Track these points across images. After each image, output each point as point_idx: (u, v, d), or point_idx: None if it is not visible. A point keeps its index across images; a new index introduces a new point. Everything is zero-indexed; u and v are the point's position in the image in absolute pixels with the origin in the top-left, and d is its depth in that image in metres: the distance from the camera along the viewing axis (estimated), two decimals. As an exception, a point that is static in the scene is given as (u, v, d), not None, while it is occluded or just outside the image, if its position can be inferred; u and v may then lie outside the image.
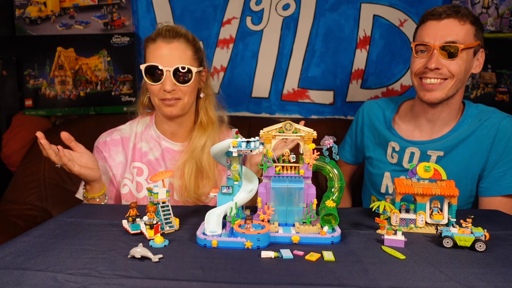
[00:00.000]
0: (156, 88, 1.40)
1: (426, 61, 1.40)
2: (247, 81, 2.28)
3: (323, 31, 2.23)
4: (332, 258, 0.87)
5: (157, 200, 1.03)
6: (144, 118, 1.57)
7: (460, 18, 1.37)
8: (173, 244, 0.95)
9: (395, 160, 1.55)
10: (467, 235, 0.94)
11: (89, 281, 0.75)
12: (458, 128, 1.48)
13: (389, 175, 1.58)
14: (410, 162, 1.51)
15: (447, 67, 1.37)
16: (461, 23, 1.36)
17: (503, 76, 2.19)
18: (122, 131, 1.54)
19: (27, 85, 2.23)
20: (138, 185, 1.48)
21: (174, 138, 1.53)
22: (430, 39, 1.38)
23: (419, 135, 1.53)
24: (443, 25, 1.37)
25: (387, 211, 1.02)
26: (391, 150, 1.57)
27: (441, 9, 1.38)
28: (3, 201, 2.03)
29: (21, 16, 2.20)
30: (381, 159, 1.60)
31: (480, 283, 0.77)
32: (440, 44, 1.36)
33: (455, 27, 1.36)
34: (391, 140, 1.56)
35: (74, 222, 1.10)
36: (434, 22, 1.39)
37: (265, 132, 1.02)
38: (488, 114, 1.47)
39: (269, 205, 1.02)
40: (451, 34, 1.36)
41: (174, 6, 2.24)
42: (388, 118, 1.61)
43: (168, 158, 1.51)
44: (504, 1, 2.16)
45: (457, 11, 1.37)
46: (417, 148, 1.51)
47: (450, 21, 1.37)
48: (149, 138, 1.53)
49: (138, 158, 1.50)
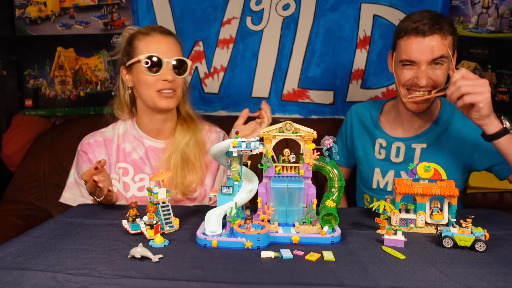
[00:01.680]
0: (153, 79, 1.42)
1: (413, 75, 1.44)
2: (247, 81, 2.28)
3: (323, 31, 2.22)
4: (332, 258, 0.87)
5: (157, 200, 1.03)
6: (125, 120, 1.57)
7: (444, 33, 1.40)
8: (173, 244, 0.95)
9: (383, 156, 1.64)
10: (467, 235, 0.94)
11: (89, 281, 0.75)
12: (439, 120, 1.57)
13: (379, 170, 1.65)
14: (397, 156, 1.60)
15: (435, 79, 1.42)
16: (443, 38, 1.40)
17: (503, 76, 2.19)
18: (105, 133, 1.54)
19: (27, 85, 2.23)
20: (125, 185, 1.48)
21: (156, 136, 1.54)
22: (417, 56, 1.41)
23: (402, 132, 1.62)
24: (428, 42, 1.39)
25: (387, 211, 1.02)
26: (378, 147, 1.65)
27: (425, 25, 1.39)
28: (3, 201, 2.02)
29: (21, 16, 2.20)
30: (370, 156, 1.68)
31: (480, 283, 0.77)
32: (427, 60, 1.40)
33: (439, 43, 1.39)
34: (378, 137, 1.66)
35: (74, 222, 1.10)
36: (419, 39, 1.40)
37: (265, 132, 1.02)
38: None
39: (269, 205, 1.02)
40: (437, 51, 1.39)
41: (174, 6, 2.24)
42: (374, 117, 1.70)
43: (151, 156, 1.52)
44: (504, 1, 2.16)
45: (441, 27, 1.39)
46: (402, 142, 1.60)
47: (434, 38, 1.39)
48: (131, 138, 1.53)
49: (123, 158, 1.51)
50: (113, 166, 1.50)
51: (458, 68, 1.31)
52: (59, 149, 2.06)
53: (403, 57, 1.45)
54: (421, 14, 1.43)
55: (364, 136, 1.71)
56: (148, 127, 1.53)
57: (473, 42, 2.18)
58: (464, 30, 2.19)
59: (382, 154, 1.64)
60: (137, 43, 1.45)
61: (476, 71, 2.19)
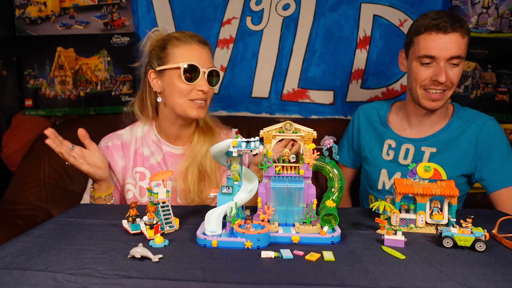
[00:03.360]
0: (188, 88, 1.40)
1: (431, 73, 1.45)
2: (247, 81, 2.28)
3: (323, 31, 2.23)
4: (332, 258, 0.87)
5: (157, 200, 1.03)
6: (144, 122, 1.55)
7: (463, 32, 1.42)
8: (173, 244, 0.95)
9: (391, 157, 1.63)
10: (467, 235, 0.94)
11: (89, 281, 0.75)
12: (448, 127, 1.57)
13: (386, 171, 1.64)
14: (405, 158, 1.60)
15: (451, 79, 1.45)
16: (462, 37, 1.43)
17: (503, 76, 2.19)
18: (122, 136, 1.53)
19: (27, 85, 2.23)
20: (141, 190, 1.48)
21: (175, 142, 1.52)
22: (437, 52, 1.42)
23: (411, 132, 1.62)
24: (449, 39, 1.41)
25: (387, 211, 1.02)
26: (387, 148, 1.64)
27: (446, 23, 1.40)
28: (3, 201, 2.02)
29: (21, 16, 2.20)
30: (377, 157, 1.67)
31: (480, 283, 0.77)
32: (446, 57, 1.42)
33: (459, 41, 1.41)
34: (387, 138, 1.65)
35: (74, 222, 1.10)
36: (440, 35, 1.41)
37: (265, 132, 1.02)
38: (474, 117, 1.57)
39: (269, 205, 1.02)
40: (456, 49, 1.41)
41: (174, 6, 2.24)
42: (383, 118, 1.70)
43: (170, 162, 1.51)
44: (504, 1, 2.16)
45: (462, 25, 1.42)
46: (412, 144, 1.59)
47: (455, 35, 1.41)
48: (150, 142, 1.52)
49: (140, 163, 1.50)
50: (130, 170, 1.49)
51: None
52: (59, 149, 2.05)
53: (422, 53, 1.45)
54: (438, 13, 1.45)
55: (372, 137, 1.70)
56: (168, 132, 1.51)
57: (473, 42, 2.17)
58: (464, 30, 2.19)
59: (391, 155, 1.63)
60: (173, 49, 1.42)
61: (476, 71, 2.19)
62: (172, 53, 1.42)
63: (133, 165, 1.49)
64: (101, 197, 1.38)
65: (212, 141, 1.51)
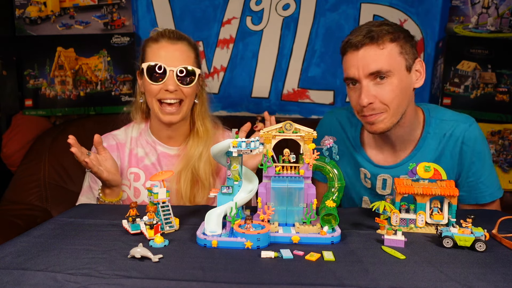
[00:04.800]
0: (156, 88, 1.38)
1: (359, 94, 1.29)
2: (247, 81, 2.28)
3: (323, 31, 2.23)
4: (332, 258, 0.87)
5: (157, 200, 1.03)
6: (139, 123, 1.55)
7: (377, 43, 1.25)
8: (173, 244, 0.95)
9: (369, 185, 1.49)
10: (467, 235, 0.94)
11: (89, 281, 0.75)
12: (421, 145, 1.40)
13: (368, 199, 1.51)
14: (383, 189, 1.45)
15: (380, 99, 1.27)
16: (380, 48, 1.25)
17: (503, 76, 2.19)
18: (117, 136, 1.52)
19: (27, 85, 2.23)
20: (136, 191, 1.47)
21: (169, 142, 1.51)
22: (353, 71, 1.28)
23: (384, 158, 1.45)
24: (361, 56, 1.26)
25: (387, 211, 1.02)
26: (363, 176, 1.49)
27: (357, 39, 1.27)
28: (3, 201, 2.02)
29: (21, 16, 2.20)
30: (356, 183, 1.52)
31: (480, 283, 0.77)
32: (365, 75, 1.26)
33: (374, 55, 1.25)
34: (361, 167, 1.48)
35: (74, 222, 1.10)
36: (353, 53, 1.28)
37: (265, 132, 1.02)
38: (450, 125, 1.38)
39: (269, 205, 1.02)
40: (372, 64, 1.25)
41: (174, 6, 2.24)
42: (355, 138, 1.50)
43: (164, 163, 1.50)
44: (504, 1, 2.16)
45: (372, 36, 1.25)
46: (388, 174, 1.43)
47: (367, 49, 1.26)
48: (144, 143, 1.51)
49: (135, 163, 1.49)
50: (125, 171, 1.49)
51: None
52: (59, 149, 2.06)
53: (344, 76, 1.34)
54: (360, 27, 1.31)
55: (347, 161, 1.51)
56: (159, 133, 1.51)
57: (473, 42, 2.18)
58: (464, 30, 2.19)
59: (368, 183, 1.48)
60: (147, 50, 1.43)
61: (476, 71, 2.19)
62: (146, 53, 1.43)
63: (127, 166, 1.49)
64: (112, 202, 1.37)
65: (208, 144, 1.46)
